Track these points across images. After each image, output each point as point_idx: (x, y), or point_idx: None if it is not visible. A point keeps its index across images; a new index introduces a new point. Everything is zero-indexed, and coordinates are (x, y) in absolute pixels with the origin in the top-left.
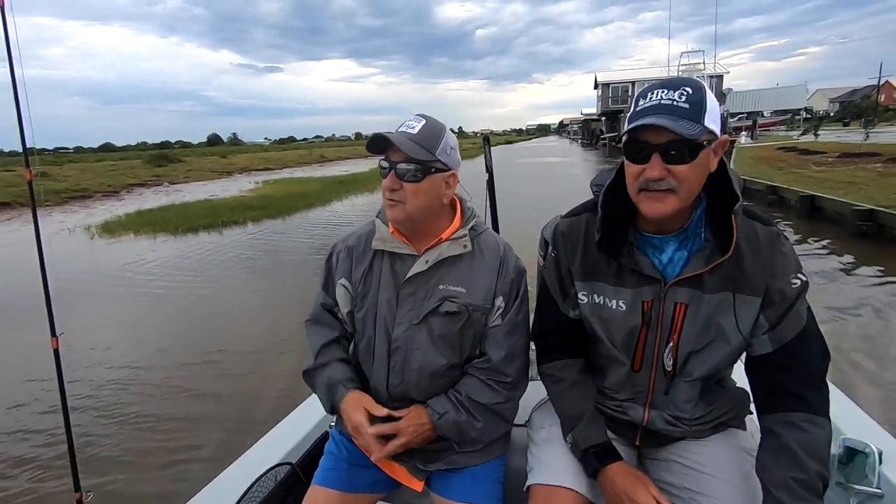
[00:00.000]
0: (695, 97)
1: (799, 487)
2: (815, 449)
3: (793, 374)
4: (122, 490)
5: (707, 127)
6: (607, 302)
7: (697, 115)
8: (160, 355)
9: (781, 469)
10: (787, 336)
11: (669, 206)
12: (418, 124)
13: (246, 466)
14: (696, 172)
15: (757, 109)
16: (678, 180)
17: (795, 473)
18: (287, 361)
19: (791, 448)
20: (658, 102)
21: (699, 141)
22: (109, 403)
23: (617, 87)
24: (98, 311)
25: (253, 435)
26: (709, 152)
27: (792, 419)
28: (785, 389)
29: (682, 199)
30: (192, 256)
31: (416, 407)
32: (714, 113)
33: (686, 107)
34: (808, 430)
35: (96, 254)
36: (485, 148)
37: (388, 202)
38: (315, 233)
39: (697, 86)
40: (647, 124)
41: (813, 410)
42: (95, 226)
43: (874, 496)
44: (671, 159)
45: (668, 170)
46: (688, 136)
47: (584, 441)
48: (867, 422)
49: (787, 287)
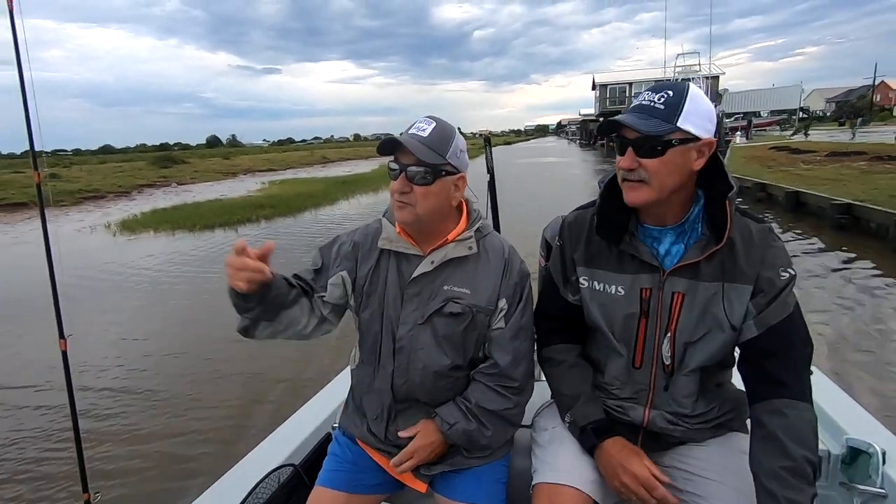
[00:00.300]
0: (672, 100)
1: (789, 476)
2: (798, 434)
3: (776, 360)
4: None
5: (679, 127)
6: (607, 288)
7: (670, 116)
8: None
9: (769, 459)
10: (772, 321)
11: (643, 195)
12: (429, 126)
13: (249, 468)
14: (666, 168)
15: (753, 110)
16: (648, 173)
17: (783, 462)
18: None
19: (776, 436)
20: (640, 103)
21: (665, 139)
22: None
23: (615, 88)
24: (134, 297)
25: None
26: (684, 151)
27: (775, 406)
28: (769, 375)
29: (654, 189)
30: (216, 249)
31: (424, 424)
32: (694, 116)
33: (661, 108)
34: (789, 416)
35: (122, 248)
36: (486, 149)
37: (397, 204)
38: (329, 228)
39: (679, 90)
40: (618, 121)
41: (793, 395)
42: (115, 223)
43: (878, 496)
44: (641, 153)
45: (640, 162)
46: (647, 132)
47: (583, 418)
48: (871, 422)
49: (777, 277)
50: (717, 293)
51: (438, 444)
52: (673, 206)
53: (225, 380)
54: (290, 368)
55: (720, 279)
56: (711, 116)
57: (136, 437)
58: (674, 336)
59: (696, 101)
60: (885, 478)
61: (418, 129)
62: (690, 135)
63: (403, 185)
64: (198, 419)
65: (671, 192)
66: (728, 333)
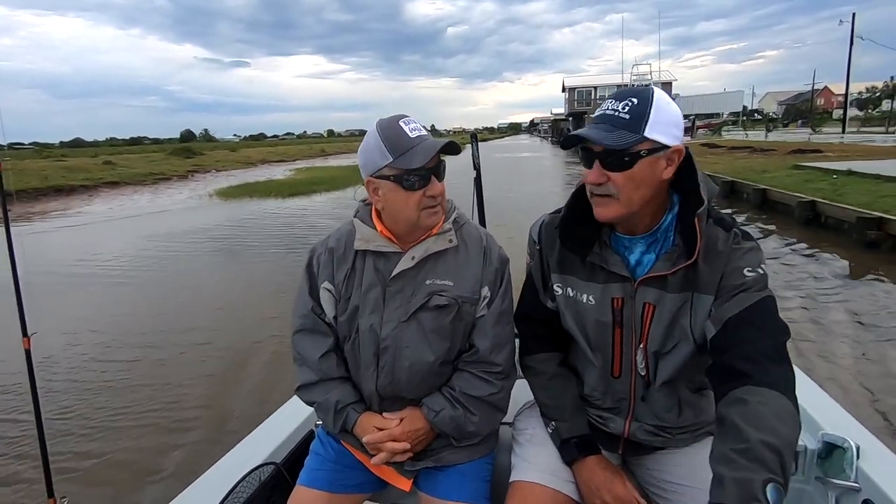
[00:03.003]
0: (637, 108)
1: (740, 458)
2: (757, 418)
3: (737, 351)
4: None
5: (647, 137)
6: (579, 296)
7: (636, 126)
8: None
9: (721, 444)
10: (727, 314)
11: (612, 211)
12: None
13: (229, 466)
14: (634, 181)
15: (703, 112)
16: (616, 187)
17: (736, 445)
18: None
19: (732, 422)
20: (603, 113)
21: (633, 150)
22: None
23: (582, 91)
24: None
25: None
26: (652, 161)
27: (735, 396)
28: (731, 369)
29: (623, 204)
30: (313, 206)
31: (411, 410)
32: (661, 123)
33: (626, 118)
34: (749, 402)
35: (245, 206)
36: (472, 145)
37: (430, 209)
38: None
39: (644, 97)
40: (580, 135)
41: (755, 383)
42: (215, 192)
43: (852, 490)
44: (609, 166)
45: (608, 176)
46: (612, 145)
47: (567, 431)
48: (845, 417)
49: (738, 278)
50: (685, 304)
51: (424, 432)
52: (643, 216)
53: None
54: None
55: (686, 289)
56: (678, 122)
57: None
58: (646, 347)
59: (661, 107)
60: (859, 472)
61: (418, 129)
62: (658, 143)
63: (441, 188)
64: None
65: (642, 203)
66: (695, 345)
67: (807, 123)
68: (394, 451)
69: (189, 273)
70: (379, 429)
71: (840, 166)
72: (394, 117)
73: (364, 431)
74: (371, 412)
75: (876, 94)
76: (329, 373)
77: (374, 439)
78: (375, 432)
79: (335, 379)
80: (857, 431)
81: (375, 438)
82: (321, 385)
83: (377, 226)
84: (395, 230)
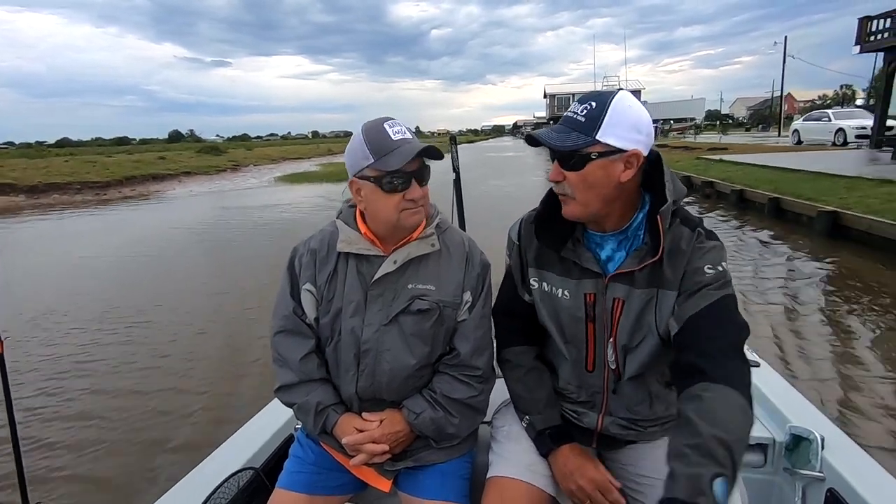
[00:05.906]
0: (594, 112)
1: (693, 453)
2: (711, 413)
3: (696, 348)
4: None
5: (598, 140)
6: (554, 290)
7: (590, 129)
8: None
9: (676, 440)
10: (689, 312)
11: (570, 209)
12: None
13: (208, 472)
14: (586, 182)
15: (669, 117)
16: (571, 187)
17: (689, 440)
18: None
19: (688, 418)
20: (565, 115)
21: (583, 153)
22: None
23: (562, 98)
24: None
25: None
26: (605, 164)
27: (693, 392)
28: (690, 366)
29: (580, 203)
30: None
31: (391, 412)
32: (616, 127)
33: (582, 120)
34: (704, 398)
35: (309, 190)
36: (451, 148)
37: (410, 211)
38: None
39: (603, 101)
40: (534, 136)
41: (713, 380)
42: (276, 178)
43: (817, 479)
44: (564, 167)
45: (564, 175)
46: (559, 147)
47: (541, 423)
48: (811, 410)
49: (700, 276)
50: (651, 300)
51: (405, 434)
52: (612, 215)
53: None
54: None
55: (652, 285)
56: (639, 126)
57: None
58: (615, 341)
59: (619, 111)
60: (824, 462)
61: (402, 132)
62: (612, 147)
63: (423, 190)
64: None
65: (602, 203)
66: (660, 340)
67: (766, 128)
68: (373, 453)
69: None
70: (359, 430)
71: (729, 158)
72: (379, 119)
73: (344, 433)
74: (351, 413)
75: (826, 102)
76: (310, 374)
77: (354, 441)
78: (355, 433)
79: (316, 380)
80: (821, 423)
81: (355, 440)
82: (302, 386)
83: (361, 227)
84: (377, 231)
